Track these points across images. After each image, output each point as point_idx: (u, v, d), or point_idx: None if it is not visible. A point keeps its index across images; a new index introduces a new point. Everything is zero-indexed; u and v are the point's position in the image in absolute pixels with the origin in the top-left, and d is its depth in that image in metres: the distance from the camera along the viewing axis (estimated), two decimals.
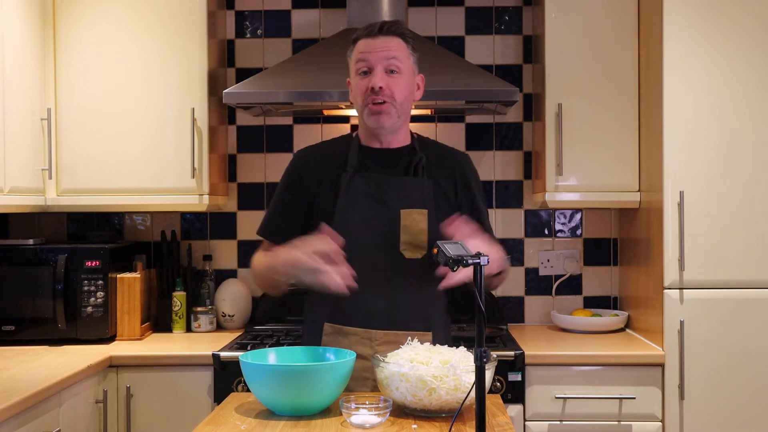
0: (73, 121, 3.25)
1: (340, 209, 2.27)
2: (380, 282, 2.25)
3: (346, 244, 2.19)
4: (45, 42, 3.20)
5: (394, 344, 2.20)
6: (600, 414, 2.95)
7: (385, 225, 2.26)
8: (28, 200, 3.07)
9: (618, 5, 3.24)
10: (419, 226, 2.26)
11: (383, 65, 2.25)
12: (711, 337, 2.93)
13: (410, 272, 2.27)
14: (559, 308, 3.58)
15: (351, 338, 2.24)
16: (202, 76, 3.26)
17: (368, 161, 2.32)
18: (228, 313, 3.47)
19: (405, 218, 2.26)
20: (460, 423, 1.92)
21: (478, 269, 1.73)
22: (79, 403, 2.73)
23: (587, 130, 3.23)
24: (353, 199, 2.27)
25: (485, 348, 1.69)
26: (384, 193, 2.28)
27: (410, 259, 2.26)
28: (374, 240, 2.26)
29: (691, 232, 2.93)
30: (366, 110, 2.26)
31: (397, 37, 2.28)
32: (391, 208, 2.27)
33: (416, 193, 2.29)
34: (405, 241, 2.26)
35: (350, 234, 2.24)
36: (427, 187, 2.30)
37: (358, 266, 2.20)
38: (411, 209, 2.27)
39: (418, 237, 2.26)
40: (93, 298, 3.16)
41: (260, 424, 1.91)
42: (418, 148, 2.35)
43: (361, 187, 2.28)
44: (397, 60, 2.25)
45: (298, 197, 2.33)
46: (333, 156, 2.35)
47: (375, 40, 2.26)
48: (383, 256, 2.26)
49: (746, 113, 2.94)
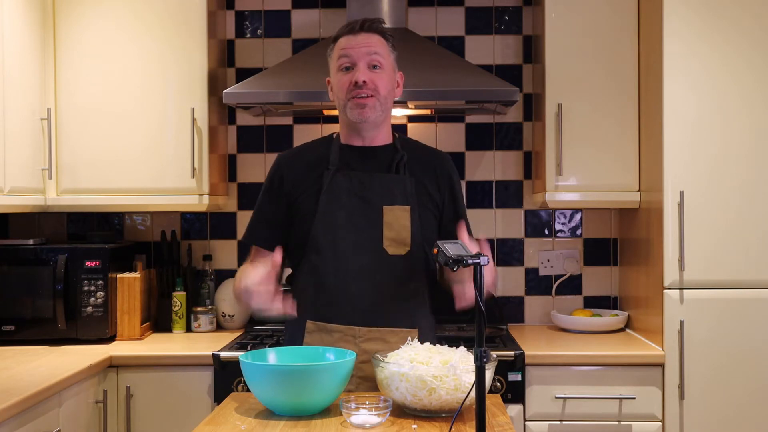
0: (73, 121, 3.25)
1: (323, 207, 2.27)
2: (364, 279, 2.25)
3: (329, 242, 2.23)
4: (45, 42, 3.20)
5: (378, 341, 2.20)
6: (600, 414, 2.95)
7: (368, 222, 2.27)
8: (28, 200, 3.07)
9: (618, 5, 3.24)
10: (402, 223, 2.26)
11: (366, 60, 2.26)
12: (711, 337, 2.93)
13: (393, 268, 2.27)
14: (559, 308, 3.58)
15: (334, 335, 2.24)
16: (202, 76, 3.26)
17: (350, 159, 2.32)
18: (228, 313, 3.47)
19: (387, 215, 2.27)
20: (460, 423, 1.92)
21: (479, 269, 1.73)
22: (79, 403, 2.73)
23: (587, 130, 3.23)
24: (336, 196, 2.28)
25: (485, 348, 1.69)
26: (366, 189, 2.28)
27: (393, 256, 2.26)
28: (357, 237, 2.26)
29: (691, 232, 2.93)
30: (350, 104, 2.26)
31: (377, 35, 2.29)
32: (373, 204, 2.27)
33: (398, 189, 2.29)
34: (388, 238, 2.26)
35: (333, 231, 2.26)
36: (410, 184, 2.30)
37: (342, 263, 2.23)
38: (393, 206, 2.27)
39: (401, 233, 2.26)
40: (93, 298, 3.16)
41: (260, 424, 1.91)
42: (399, 147, 2.36)
43: (343, 185, 2.29)
44: (379, 56, 2.27)
45: (277, 201, 2.34)
46: (314, 156, 2.36)
47: (357, 36, 2.27)
48: (366, 253, 2.26)
49: (746, 113, 2.94)
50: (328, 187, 2.28)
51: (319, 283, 2.28)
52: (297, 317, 2.25)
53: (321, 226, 2.26)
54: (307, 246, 2.29)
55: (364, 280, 2.25)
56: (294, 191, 2.32)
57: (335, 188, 2.28)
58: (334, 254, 2.26)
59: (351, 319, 2.25)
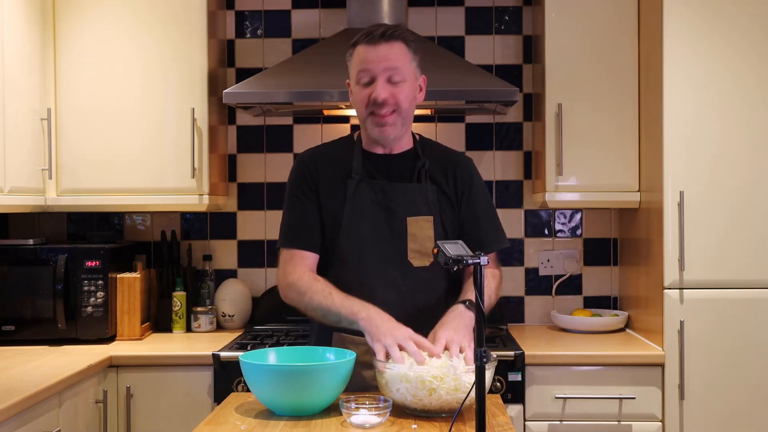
0: (73, 121, 3.25)
1: (348, 217, 2.25)
2: (390, 291, 2.24)
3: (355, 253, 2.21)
4: (45, 42, 3.20)
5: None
6: (600, 414, 2.95)
7: (392, 233, 2.25)
8: (28, 200, 3.07)
9: (618, 5, 3.24)
10: (426, 234, 2.25)
11: (385, 76, 2.21)
12: (711, 337, 2.93)
13: (418, 280, 2.26)
14: (559, 308, 3.58)
15: (360, 348, 2.19)
16: (202, 76, 3.25)
17: (372, 167, 2.30)
18: (228, 313, 3.47)
19: (412, 226, 2.25)
20: (460, 423, 1.92)
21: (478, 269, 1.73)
22: (79, 403, 2.73)
23: (587, 130, 3.23)
24: (360, 207, 2.26)
25: (485, 348, 1.69)
26: (390, 200, 2.26)
27: (418, 267, 2.26)
28: (383, 249, 2.25)
29: (691, 232, 2.93)
30: (369, 120, 2.24)
31: (398, 42, 2.23)
32: (397, 215, 2.26)
33: (421, 199, 2.28)
34: (413, 250, 2.25)
35: (359, 243, 2.24)
36: (431, 193, 2.29)
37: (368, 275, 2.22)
38: (417, 216, 2.26)
39: (425, 244, 2.25)
40: (93, 298, 3.16)
41: (260, 424, 1.91)
42: (420, 153, 2.33)
43: (367, 195, 2.26)
44: (399, 69, 2.21)
45: (313, 199, 2.29)
46: (336, 159, 2.33)
47: (377, 48, 2.21)
48: (392, 265, 2.25)
49: (746, 113, 2.94)
50: (352, 196, 2.26)
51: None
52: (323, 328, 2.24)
53: (346, 237, 2.24)
54: (333, 256, 2.27)
55: (389, 292, 2.23)
56: (321, 192, 2.29)
57: (359, 198, 2.26)
58: (361, 266, 2.24)
59: None
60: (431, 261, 2.25)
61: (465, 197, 2.33)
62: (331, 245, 2.27)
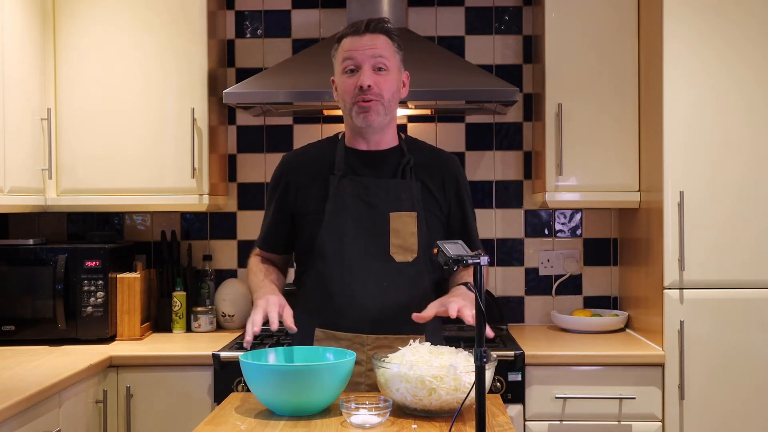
0: (73, 121, 3.25)
1: (329, 213, 2.26)
2: (371, 286, 2.24)
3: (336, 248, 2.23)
4: (45, 42, 3.20)
5: (386, 348, 2.18)
6: (600, 414, 2.95)
7: (374, 228, 2.26)
8: (28, 200, 3.07)
9: (618, 5, 3.24)
10: (409, 229, 2.26)
11: (370, 63, 2.23)
12: (711, 337, 2.93)
13: (400, 275, 2.26)
14: (559, 308, 3.58)
15: (342, 343, 2.23)
16: (202, 76, 3.26)
17: (355, 164, 2.31)
18: (228, 313, 3.47)
19: (395, 221, 2.26)
20: (460, 423, 1.92)
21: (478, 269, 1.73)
22: (79, 403, 2.73)
23: (587, 130, 3.23)
24: (342, 202, 2.27)
25: (485, 348, 1.69)
26: (372, 195, 2.27)
27: (400, 263, 2.26)
28: (365, 244, 2.25)
29: (691, 232, 2.93)
30: (354, 108, 2.25)
31: (383, 35, 2.27)
32: (380, 211, 2.26)
33: (405, 195, 2.28)
34: (395, 245, 2.25)
35: (340, 238, 2.25)
36: (416, 190, 2.29)
37: (349, 271, 2.22)
38: (400, 212, 2.26)
39: (408, 240, 2.26)
40: (93, 298, 3.16)
41: (260, 424, 1.91)
42: (405, 150, 2.34)
43: (349, 191, 2.27)
44: (384, 58, 2.24)
45: (283, 208, 2.35)
46: (319, 159, 2.34)
47: (362, 38, 2.25)
48: (373, 260, 2.25)
49: (746, 113, 2.94)
50: (334, 192, 2.27)
51: (326, 291, 2.27)
52: (305, 325, 2.25)
53: (327, 233, 2.25)
54: (314, 253, 2.28)
55: (371, 287, 2.24)
56: (299, 196, 2.32)
57: (341, 194, 2.27)
58: (341, 262, 2.25)
59: (359, 327, 2.25)
60: (414, 256, 2.26)
61: (453, 197, 2.35)
62: (312, 242, 2.28)
